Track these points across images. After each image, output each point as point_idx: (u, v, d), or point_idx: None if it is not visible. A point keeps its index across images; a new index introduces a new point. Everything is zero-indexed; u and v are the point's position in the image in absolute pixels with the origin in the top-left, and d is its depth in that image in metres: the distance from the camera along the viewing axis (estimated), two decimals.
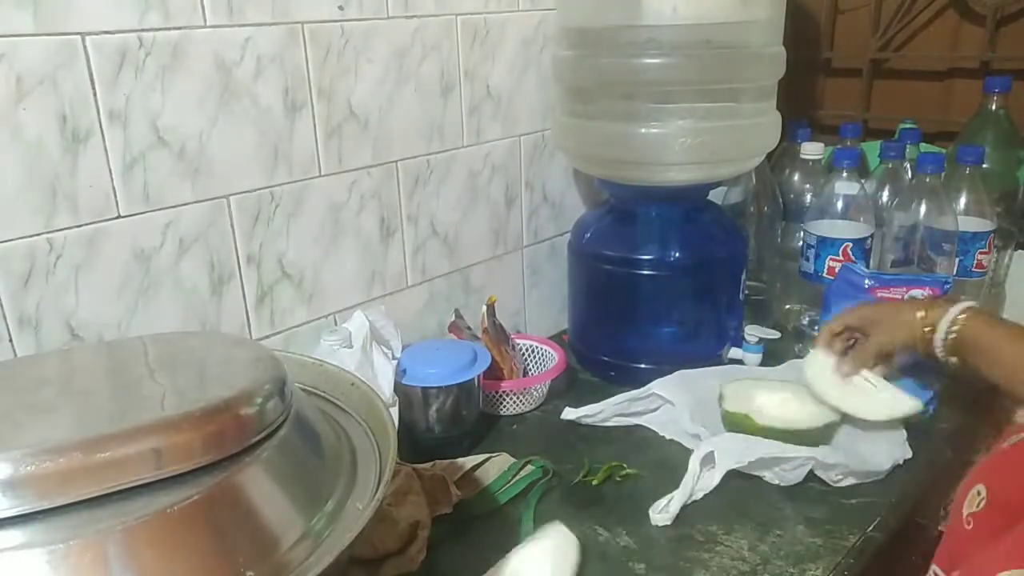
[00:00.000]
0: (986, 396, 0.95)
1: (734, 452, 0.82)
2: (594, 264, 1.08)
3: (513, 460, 0.87)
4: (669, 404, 0.94)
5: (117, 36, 0.72)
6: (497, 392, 0.99)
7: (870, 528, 0.77)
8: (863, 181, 1.11)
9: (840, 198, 1.08)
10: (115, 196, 0.75)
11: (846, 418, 0.89)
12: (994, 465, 0.57)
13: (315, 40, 0.87)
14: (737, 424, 0.88)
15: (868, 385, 0.87)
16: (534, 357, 1.10)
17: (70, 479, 0.45)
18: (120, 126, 0.74)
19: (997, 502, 0.52)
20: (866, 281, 0.99)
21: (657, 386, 0.95)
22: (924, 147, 1.21)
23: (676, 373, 0.98)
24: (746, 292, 1.15)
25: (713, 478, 0.82)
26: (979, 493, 0.54)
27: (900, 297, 0.96)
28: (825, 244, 1.08)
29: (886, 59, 1.38)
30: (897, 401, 0.87)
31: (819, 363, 0.90)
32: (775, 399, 0.91)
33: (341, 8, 0.88)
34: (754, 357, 1.09)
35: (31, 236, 0.71)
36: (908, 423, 0.89)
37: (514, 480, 0.85)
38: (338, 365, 0.71)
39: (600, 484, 0.85)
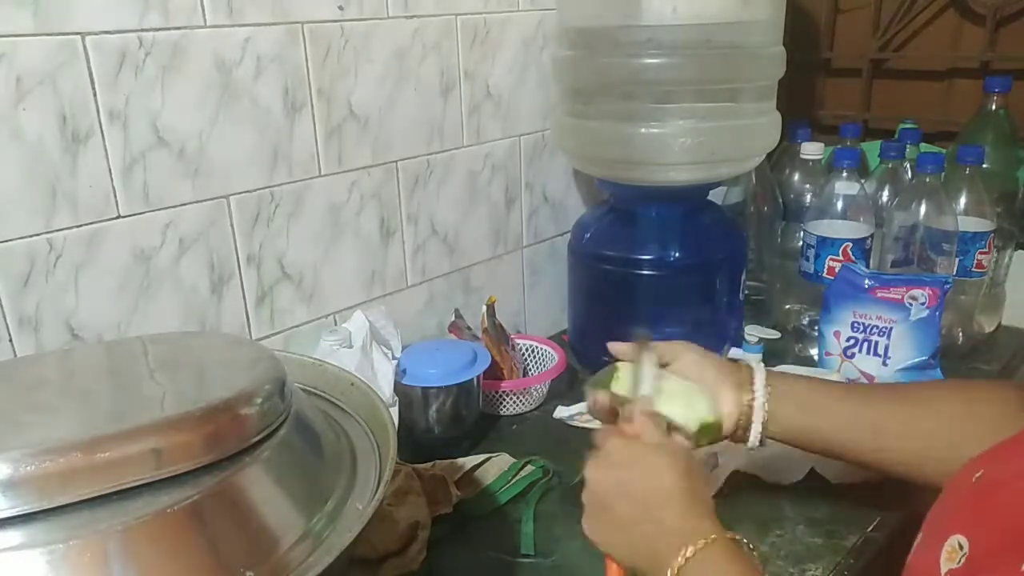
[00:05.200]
0: None
1: (739, 454, 0.81)
2: (594, 264, 1.08)
3: (513, 460, 0.87)
4: None
5: (117, 36, 0.72)
6: (497, 392, 0.99)
7: (870, 528, 0.77)
8: (863, 181, 1.11)
9: (840, 198, 1.08)
10: (115, 196, 0.75)
11: None
12: (969, 509, 0.49)
13: (315, 40, 0.87)
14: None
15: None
16: (534, 357, 1.10)
17: (70, 479, 0.45)
18: (120, 126, 0.74)
19: (978, 557, 0.45)
20: (866, 281, 0.99)
21: None
22: (924, 147, 1.21)
23: None
24: (746, 292, 1.15)
25: (718, 479, 0.82)
26: (960, 547, 0.46)
27: (900, 298, 0.96)
28: (825, 244, 1.08)
29: (886, 59, 1.38)
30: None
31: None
32: None
33: (341, 8, 0.88)
34: (754, 357, 1.09)
35: (31, 236, 0.71)
36: None
37: (514, 480, 0.85)
38: (338, 365, 0.71)
39: None
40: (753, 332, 1.10)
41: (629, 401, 0.65)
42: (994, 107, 1.15)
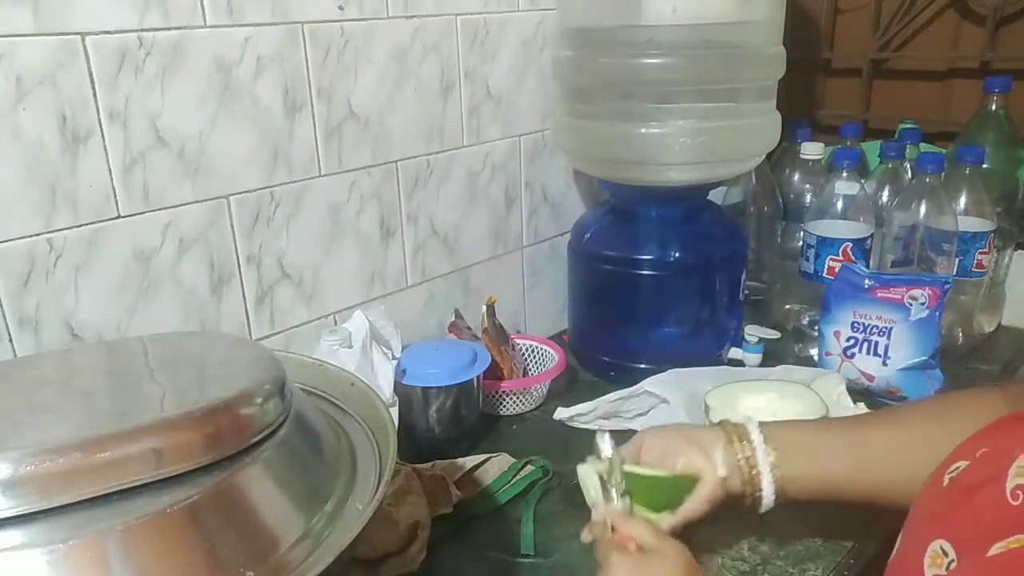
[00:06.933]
0: None
1: None
2: (594, 264, 1.08)
3: (513, 460, 0.87)
4: (663, 403, 0.93)
5: (117, 36, 0.72)
6: (497, 392, 0.99)
7: (869, 529, 0.77)
8: (863, 181, 1.11)
9: (840, 198, 1.08)
10: (115, 196, 0.75)
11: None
12: (948, 515, 0.48)
13: (315, 40, 0.87)
14: None
15: None
16: (534, 357, 1.10)
17: (70, 479, 0.45)
18: (120, 126, 0.74)
19: (968, 563, 0.43)
20: (866, 281, 0.99)
21: (650, 384, 0.94)
22: (924, 147, 1.21)
23: (669, 371, 0.97)
24: (746, 292, 1.15)
25: None
26: (944, 552, 0.45)
27: (900, 298, 0.96)
28: (825, 244, 1.08)
29: (886, 59, 1.38)
30: None
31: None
32: (759, 400, 0.88)
33: (341, 8, 0.88)
34: (754, 357, 1.09)
35: (31, 236, 0.71)
36: None
37: (514, 480, 0.85)
38: (338, 365, 0.71)
39: None
40: (753, 332, 1.10)
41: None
42: (994, 107, 1.15)
